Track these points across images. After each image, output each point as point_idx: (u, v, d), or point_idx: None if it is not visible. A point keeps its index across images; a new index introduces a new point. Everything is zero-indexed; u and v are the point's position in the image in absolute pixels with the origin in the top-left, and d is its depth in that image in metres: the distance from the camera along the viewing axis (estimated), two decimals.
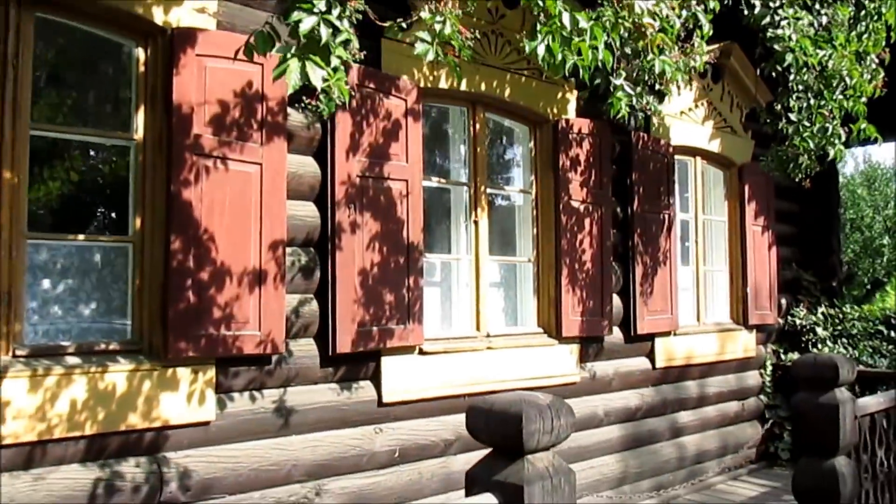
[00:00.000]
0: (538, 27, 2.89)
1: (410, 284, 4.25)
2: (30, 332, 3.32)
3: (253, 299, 3.58)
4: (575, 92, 5.31)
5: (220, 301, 3.47)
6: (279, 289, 3.68)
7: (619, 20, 3.15)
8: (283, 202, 3.73)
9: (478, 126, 4.89)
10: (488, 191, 4.96)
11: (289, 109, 3.87)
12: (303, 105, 2.56)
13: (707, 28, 4.14)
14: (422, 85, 4.45)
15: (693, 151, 6.58)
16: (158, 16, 3.44)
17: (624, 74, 3.81)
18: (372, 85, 4.13)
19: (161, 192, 3.42)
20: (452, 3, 2.93)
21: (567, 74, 3.15)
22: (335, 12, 2.45)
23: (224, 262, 3.49)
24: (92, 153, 3.78)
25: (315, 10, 2.41)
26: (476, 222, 4.85)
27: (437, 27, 2.88)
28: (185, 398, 3.38)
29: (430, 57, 2.99)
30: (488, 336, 4.81)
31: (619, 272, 5.68)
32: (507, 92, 4.94)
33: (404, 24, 3.27)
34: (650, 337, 5.90)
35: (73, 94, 3.60)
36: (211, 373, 3.48)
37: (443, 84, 4.57)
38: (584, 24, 2.86)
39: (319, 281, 3.95)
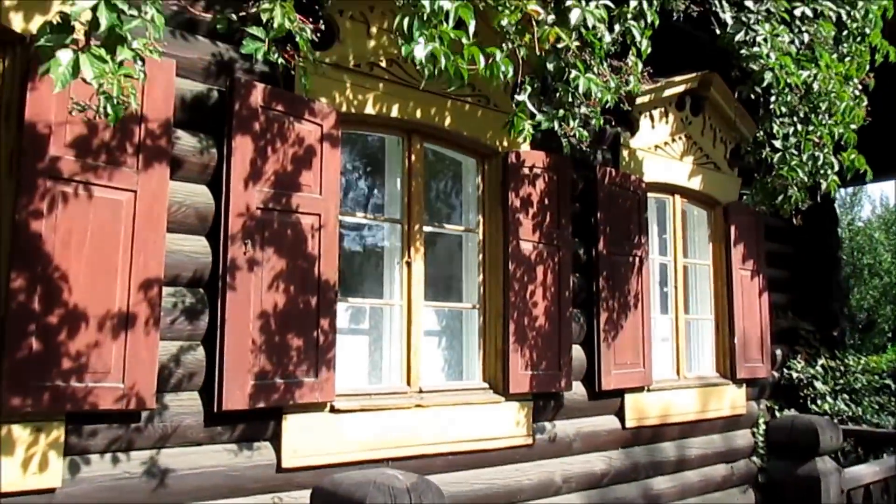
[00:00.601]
0: (415, 24, 2.46)
1: (322, 329, 3.76)
2: None
3: (116, 346, 3.11)
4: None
5: (73, 349, 3.00)
6: (151, 334, 3.21)
7: (502, 7, 2.70)
8: (161, 235, 3.29)
9: (413, 157, 4.45)
10: (426, 229, 4.49)
11: (179, 132, 3.47)
12: (79, 108, 2.15)
13: (645, 45, 3.69)
14: (344, 109, 4.03)
15: (671, 189, 6.09)
16: (17, 23, 3.06)
17: (529, 90, 3.36)
18: (280, 107, 3.72)
19: (6, 221, 2.99)
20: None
21: (459, 85, 2.71)
22: None
23: (80, 303, 3.03)
24: None
25: None
26: (409, 263, 4.37)
27: (276, 19, 2.46)
28: (20, 461, 2.90)
29: (260, 56, 2.57)
30: (420, 392, 4.29)
31: (583, 320, 5.16)
32: (447, 120, 4.51)
33: (234, 16, 2.84)
34: (619, 393, 5.33)
35: None
36: (58, 431, 2.99)
37: (370, 109, 4.16)
38: (446, 3, 2.41)
39: (208, 325, 3.49)
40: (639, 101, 5.33)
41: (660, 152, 5.87)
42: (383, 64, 4.18)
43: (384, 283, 4.49)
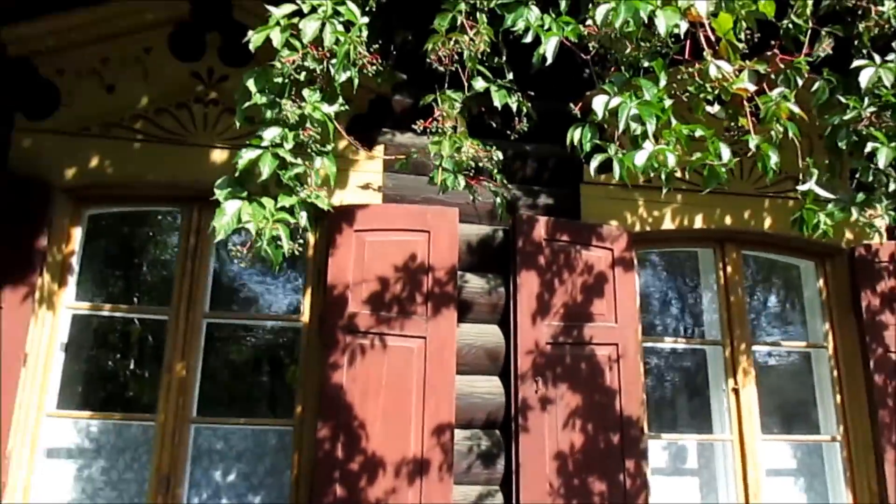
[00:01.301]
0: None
1: (629, 472, 3.43)
2: None
3: (412, 492, 3.20)
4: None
5: (372, 495, 3.16)
6: (445, 480, 3.24)
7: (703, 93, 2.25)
8: (450, 379, 3.37)
9: (730, 269, 3.97)
10: (755, 348, 3.92)
11: (467, 275, 3.61)
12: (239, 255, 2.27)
13: None
14: (637, 229, 3.81)
15: None
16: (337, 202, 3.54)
17: (815, 175, 2.71)
18: (565, 237, 3.65)
19: (316, 375, 3.35)
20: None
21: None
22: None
23: (377, 449, 3.21)
24: (267, 336, 3.96)
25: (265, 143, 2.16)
26: (737, 391, 3.81)
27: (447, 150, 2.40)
28: None
29: (450, 185, 2.50)
30: None
31: None
32: (767, 222, 3.98)
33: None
34: None
35: (243, 283, 3.86)
36: None
37: (668, 224, 3.86)
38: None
39: (504, 469, 3.41)
40: None
41: None
42: (678, 174, 3.89)
43: (710, 416, 3.98)
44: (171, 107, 3.48)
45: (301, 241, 2.30)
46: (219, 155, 3.44)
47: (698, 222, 3.90)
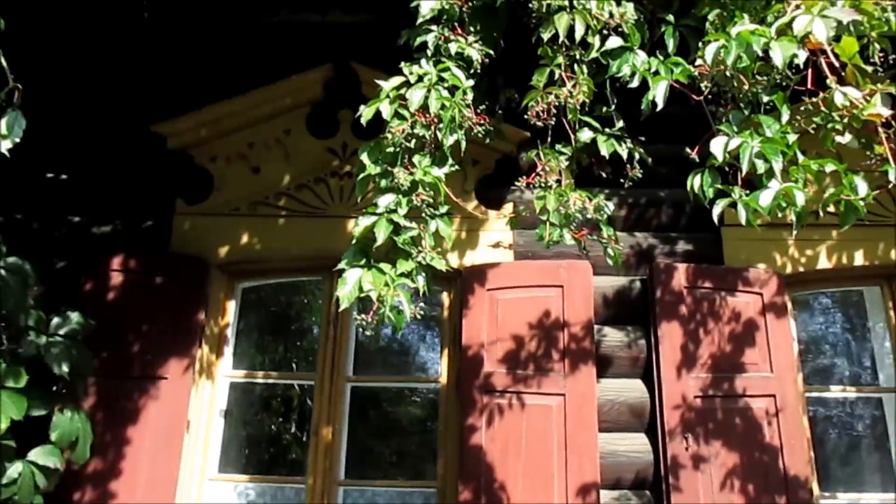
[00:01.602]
0: None
1: None
2: None
3: None
4: None
5: None
6: None
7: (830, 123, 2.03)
8: (593, 437, 3.26)
9: None
10: None
11: (605, 329, 3.52)
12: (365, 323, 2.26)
13: None
14: (788, 270, 3.57)
15: None
16: (454, 260, 3.61)
17: None
18: (707, 284, 3.48)
19: (456, 436, 3.36)
20: None
21: None
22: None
23: None
24: (409, 398, 4.01)
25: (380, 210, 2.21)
26: None
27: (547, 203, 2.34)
28: None
29: (556, 238, 2.42)
30: None
31: None
32: None
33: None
34: None
35: (384, 346, 3.96)
36: None
37: (824, 263, 3.59)
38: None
39: None
40: None
41: None
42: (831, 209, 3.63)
43: (892, 471, 3.58)
44: (310, 182, 3.70)
45: (422, 303, 2.36)
46: (354, 224, 3.61)
47: (859, 259, 3.59)
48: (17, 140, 2.18)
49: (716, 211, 2.22)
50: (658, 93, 2.26)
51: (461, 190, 3.69)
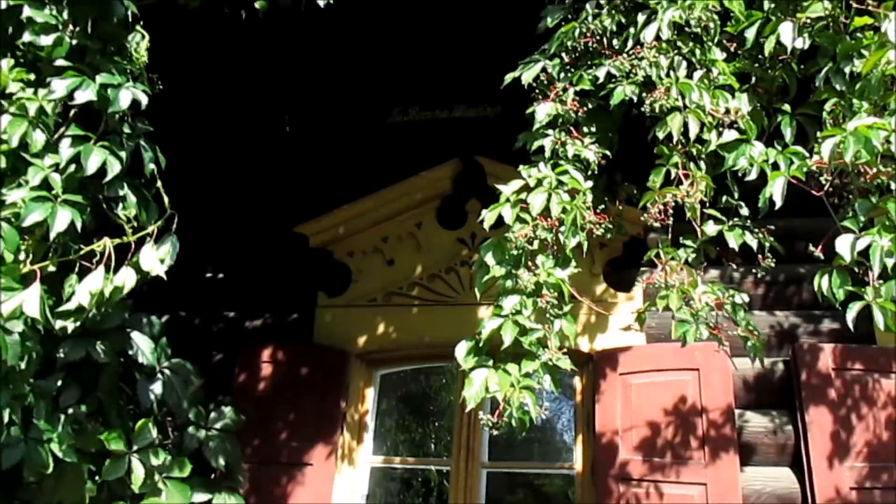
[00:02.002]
0: None
1: None
2: None
3: None
4: None
5: None
6: None
7: None
8: None
9: None
10: None
11: (747, 414, 3.39)
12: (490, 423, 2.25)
13: None
14: None
15: None
16: (584, 345, 3.63)
17: None
18: (858, 365, 3.29)
19: None
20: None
21: None
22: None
23: None
24: (540, 483, 3.97)
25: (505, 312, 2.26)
26: None
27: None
28: None
29: (690, 340, 2.35)
30: None
31: None
32: None
33: None
34: None
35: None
36: None
37: None
38: None
39: None
40: None
41: None
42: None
43: None
44: (441, 272, 3.86)
45: (553, 391, 2.34)
46: (484, 312, 3.71)
47: None
48: (172, 263, 2.38)
49: (849, 316, 2.14)
50: (775, 190, 2.22)
51: (589, 273, 3.72)
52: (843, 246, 2.07)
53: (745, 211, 2.63)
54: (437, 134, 4.14)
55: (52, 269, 2.18)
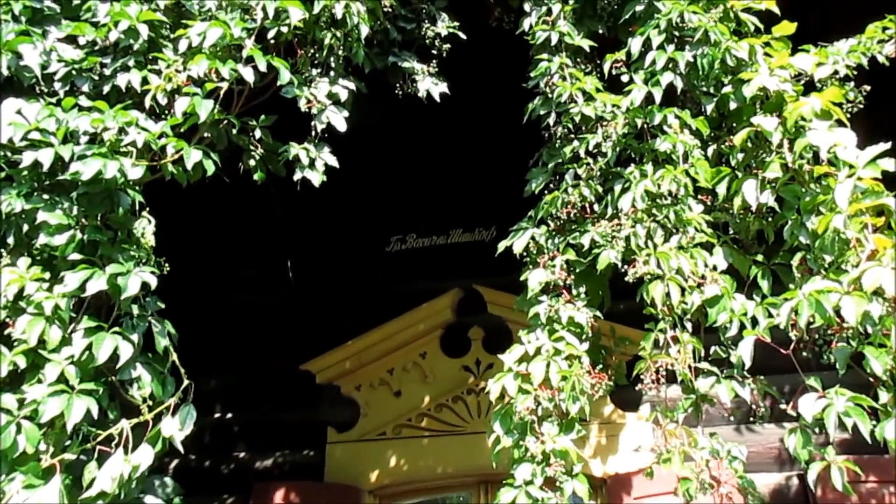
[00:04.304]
0: None
1: None
2: None
3: None
4: None
5: None
6: None
7: None
8: None
9: None
10: None
11: None
12: None
13: None
14: None
15: None
16: (596, 467, 3.76)
17: None
18: (872, 477, 3.40)
19: None
20: None
21: None
22: None
23: None
24: None
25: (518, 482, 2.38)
26: None
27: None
28: None
29: (694, 496, 2.44)
30: None
31: None
32: None
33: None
34: None
35: None
36: None
37: None
38: None
39: None
40: None
41: None
42: None
43: None
44: (448, 401, 4.02)
45: None
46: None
47: None
48: (188, 431, 2.51)
49: (810, 477, 2.28)
50: (744, 352, 2.30)
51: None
52: (805, 407, 2.19)
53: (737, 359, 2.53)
54: (436, 260, 4.35)
55: (71, 457, 2.34)
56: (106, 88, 2.70)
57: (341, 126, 2.88)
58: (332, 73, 2.97)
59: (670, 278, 2.42)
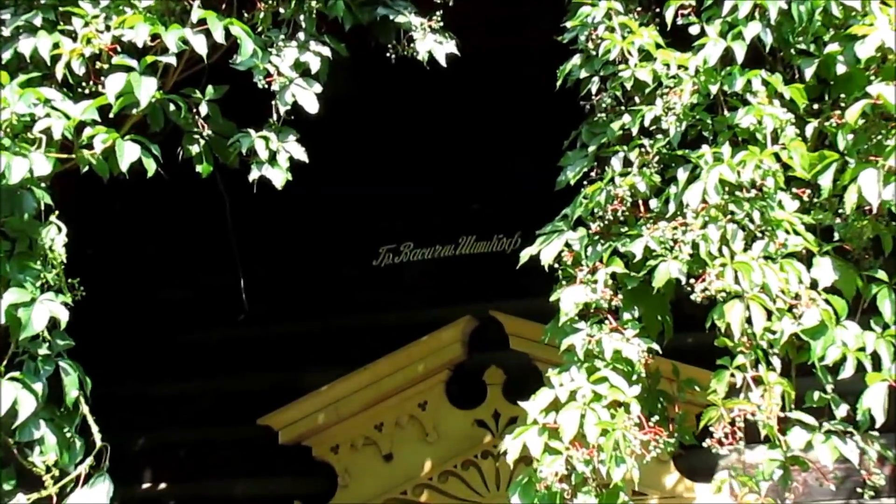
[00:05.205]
0: None
1: None
2: None
3: None
4: None
5: None
6: None
7: None
8: None
9: None
10: None
11: None
12: None
13: None
14: None
15: None
16: None
17: None
18: None
19: None
20: None
21: None
22: None
23: None
24: None
25: None
26: None
27: None
28: None
29: None
30: None
31: None
32: None
33: None
34: None
35: None
36: None
37: None
38: None
39: None
40: None
41: None
42: None
43: None
44: (456, 468, 3.45)
45: None
46: None
47: None
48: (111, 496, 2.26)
49: None
50: (874, 402, 2.03)
51: (654, 460, 3.15)
52: None
53: (842, 410, 2.24)
54: (441, 278, 3.77)
55: None
56: (6, 55, 2.37)
57: (312, 106, 2.52)
58: (300, 35, 2.60)
59: (752, 297, 2.12)
